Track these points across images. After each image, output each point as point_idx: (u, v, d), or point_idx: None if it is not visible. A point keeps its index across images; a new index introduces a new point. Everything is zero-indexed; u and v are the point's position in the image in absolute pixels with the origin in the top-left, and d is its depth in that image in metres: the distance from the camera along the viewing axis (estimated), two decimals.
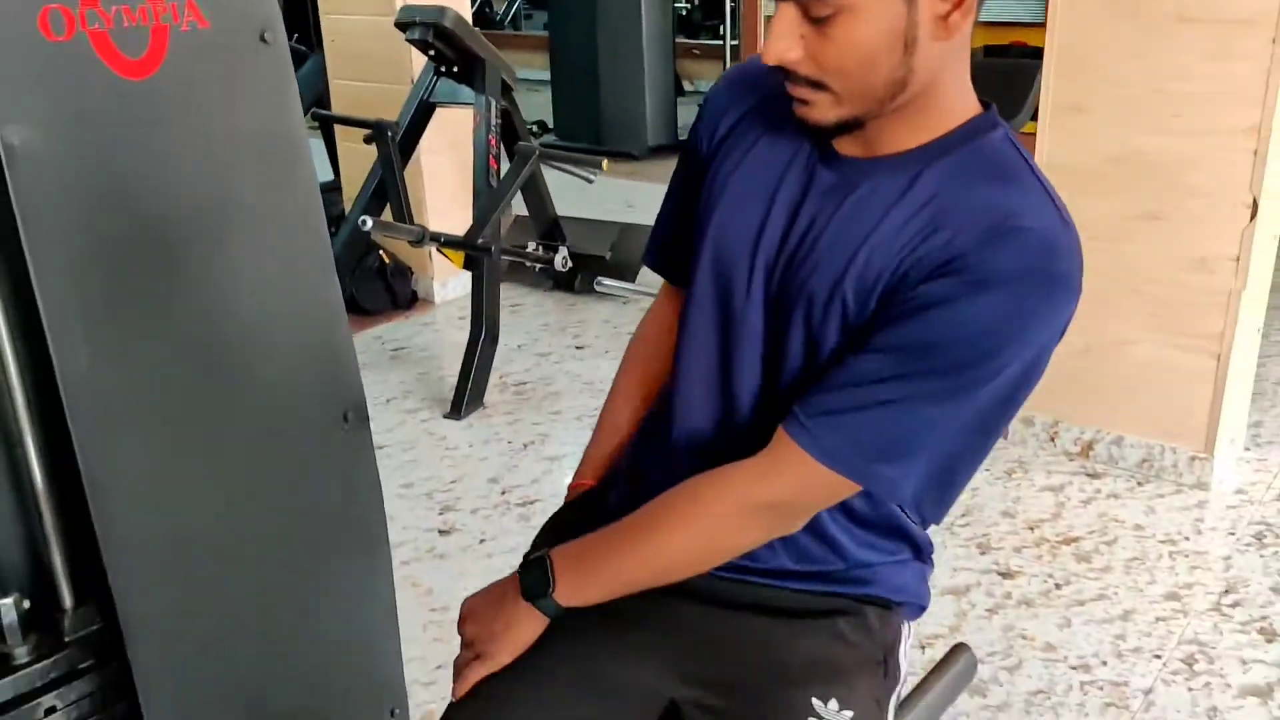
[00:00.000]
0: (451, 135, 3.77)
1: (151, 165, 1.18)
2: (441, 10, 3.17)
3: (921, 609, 1.18)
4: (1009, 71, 3.33)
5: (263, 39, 1.24)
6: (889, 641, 1.11)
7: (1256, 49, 2.31)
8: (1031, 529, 2.51)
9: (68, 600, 1.26)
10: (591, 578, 1.04)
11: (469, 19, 3.61)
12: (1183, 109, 2.44)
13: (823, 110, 0.94)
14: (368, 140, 3.40)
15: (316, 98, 4.07)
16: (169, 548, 1.28)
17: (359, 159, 3.81)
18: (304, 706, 1.47)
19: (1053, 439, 2.84)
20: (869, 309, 0.94)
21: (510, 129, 3.52)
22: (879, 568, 1.12)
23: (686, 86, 9.13)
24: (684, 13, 10.01)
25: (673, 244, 1.19)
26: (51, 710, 1.24)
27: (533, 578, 1.06)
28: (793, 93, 0.94)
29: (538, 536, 1.26)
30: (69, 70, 1.08)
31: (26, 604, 1.23)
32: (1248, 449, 2.83)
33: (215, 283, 1.25)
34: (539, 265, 3.76)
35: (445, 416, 3.17)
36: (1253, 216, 2.41)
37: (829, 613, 1.10)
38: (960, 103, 0.97)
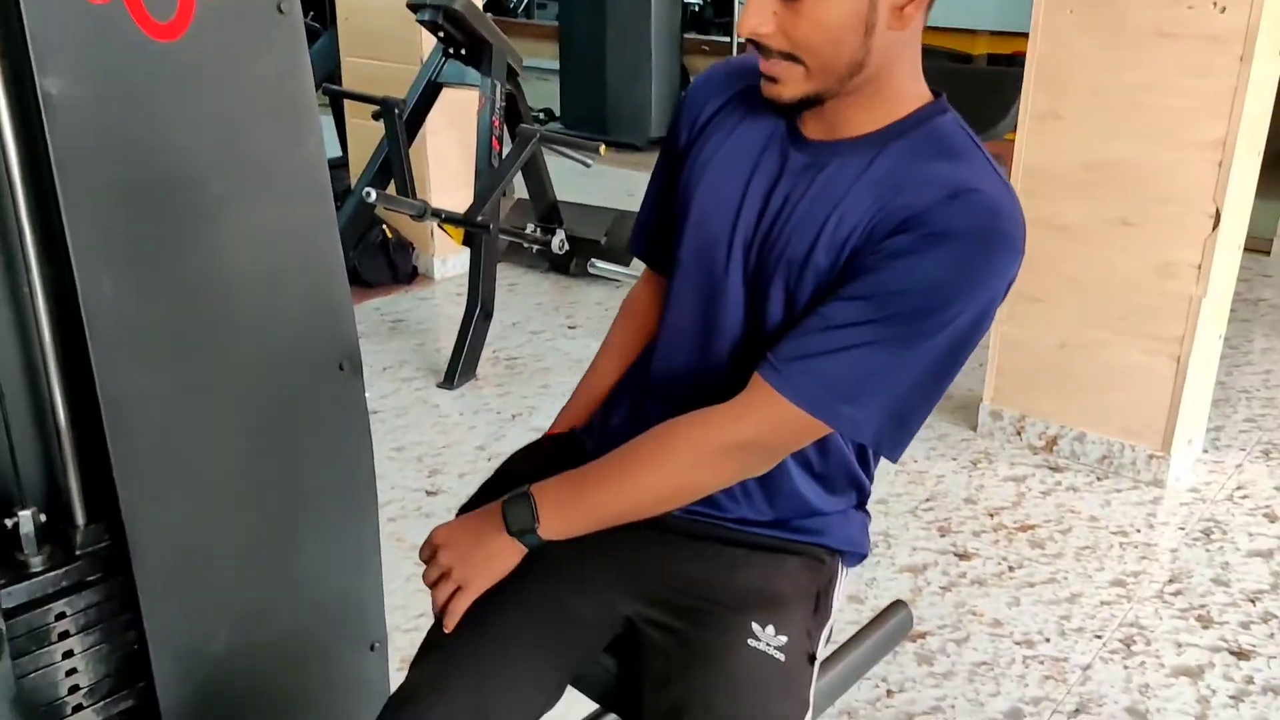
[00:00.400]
0: (456, 115, 3.88)
1: (173, 119, 1.29)
2: None
3: (861, 557, 1.29)
4: (998, 78, 3.45)
5: (279, 9, 1.35)
6: (824, 582, 1.23)
7: (1226, 66, 2.43)
8: (991, 515, 2.63)
9: (80, 517, 1.37)
10: (574, 513, 1.14)
11: (479, 4, 3.72)
12: (1155, 120, 2.55)
13: (791, 85, 1.04)
14: (375, 116, 3.51)
15: (328, 74, 4.18)
16: (175, 473, 1.39)
17: (367, 135, 3.92)
18: (291, 631, 1.58)
19: (1019, 433, 2.96)
20: (838, 266, 1.06)
21: (514, 112, 3.62)
22: (830, 517, 1.24)
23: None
24: (696, 9, 10.13)
25: (655, 232, 1.31)
26: (61, 616, 1.36)
27: (517, 513, 1.15)
28: (765, 69, 1.06)
29: (491, 476, 1.36)
30: (105, 30, 1.20)
31: (43, 518, 1.34)
32: (1206, 451, 2.94)
33: (226, 229, 1.36)
34: (536, 246, 3.87)
35: (438, 386, 3.29)
36: (1215, 226, 2.52)
37: (778, 550, 1.22)
38: (912, 91, 1.09)
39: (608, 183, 5.80)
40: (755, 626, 1.14)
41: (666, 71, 6.75)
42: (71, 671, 1.37)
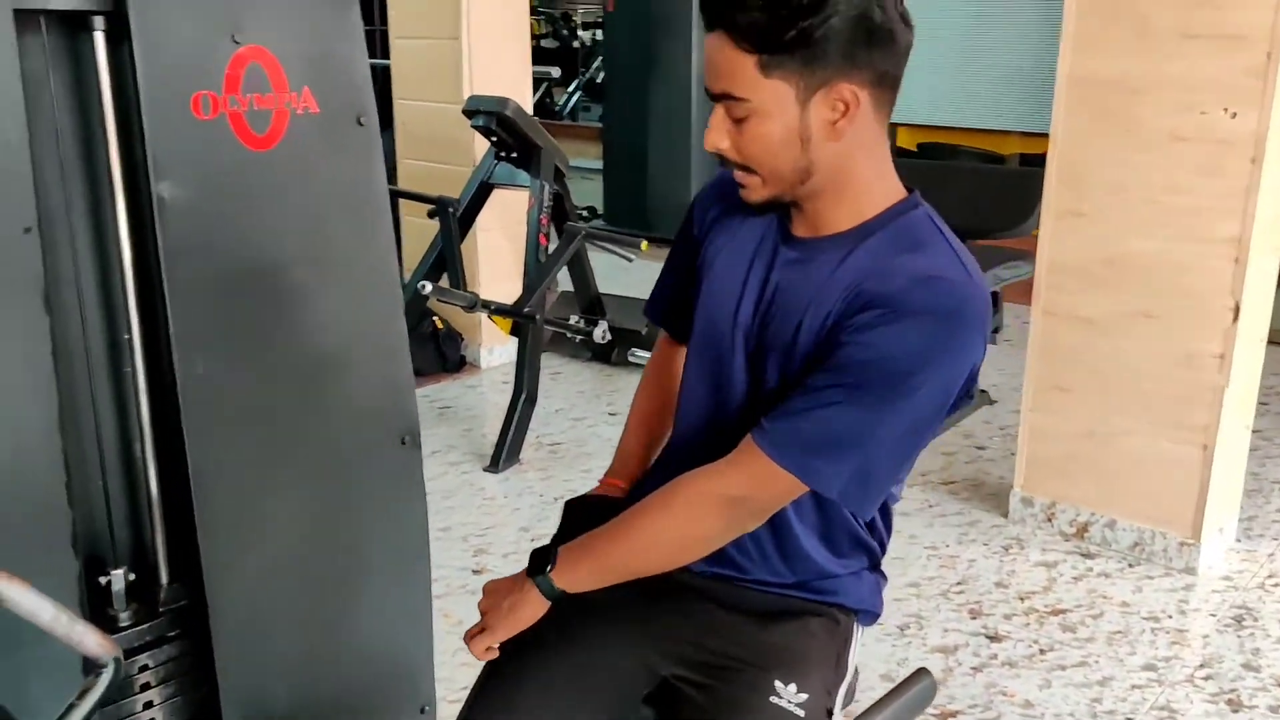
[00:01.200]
0: (506, 214, 4.09)
1: (264, 218, 1.46)
2: (504, 101, 3.51)
3: (875, 616, 1.39)
4: (1025, 178, 3.59)
5: (359, 122, 1.52)
6: (842, 641, 1.33)
7: (1238, 168, 2.55)
8: (1022, 599, 2.68)
9: (164, 576, 1.50)
10: (584, 565, 1.26)
11: (529, 109, 3.95)
12: (1173, 218, 2.67)
13: (754, 191, 1.20)
14: (431, 214, 3.72)
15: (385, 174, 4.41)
16: (251, 537, 1.52)
17: (418, 231, 4.13)
18: (347, 690, 1.69)
19: (1050, 519, 3.02)
20: (820, 346, 1.18)
21: (561, 210, 3.82)
22: (844, 579, 1.34)
23: None
24: None
25: (668, 302, 1.47)
26: (144, 668, 1.48)
27: (536, 559, 1.29)
28: (735, 177, 1.22)
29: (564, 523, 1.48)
30: (210, 142, 1.37)
31: (132, 576, 1.48)
32: (1239, 540, 2.98)
33: (305, 316, 1.52)
34: (579, 337, 4.03)
35: (484, 470, 3.42)
36: (1235, 319, 2.62)
37: (798, 611, 1.32)
38: (880, 189, 1.22)
39: (649, 275, 6.00)
40: (778, 684, 1.24)
41: (707, 170, 7.00)
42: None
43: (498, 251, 4.22)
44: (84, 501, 1.42)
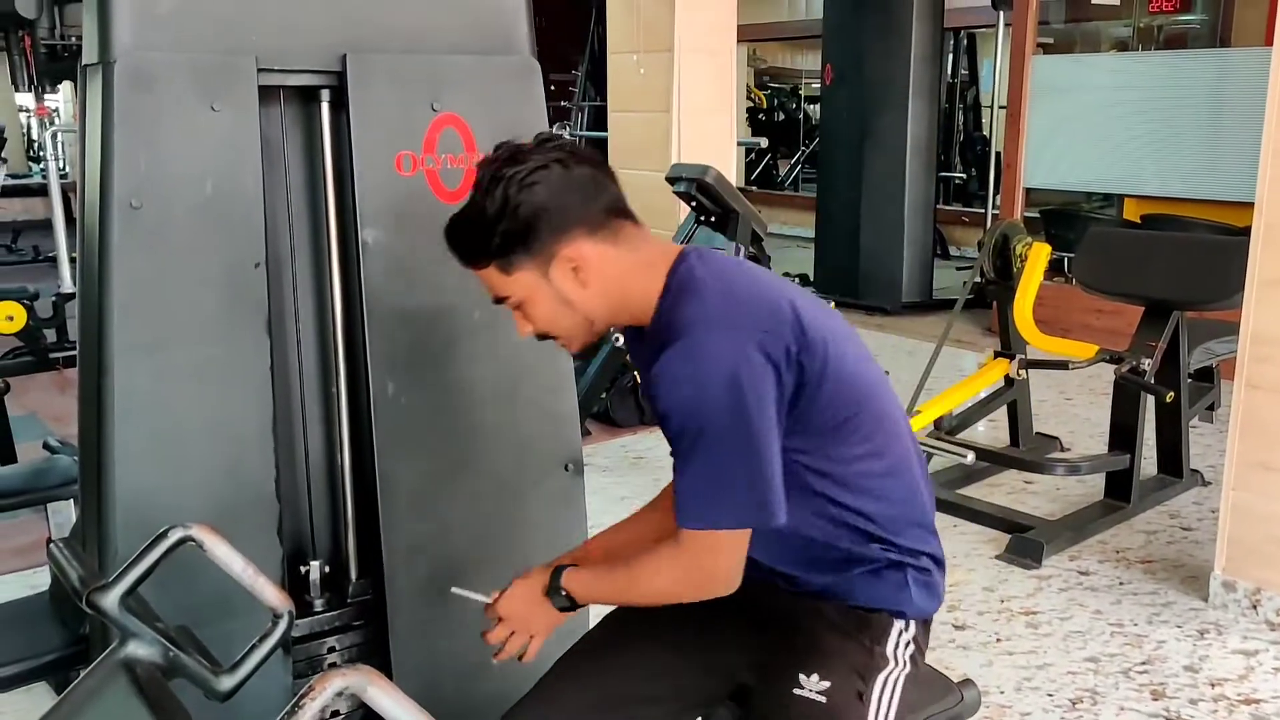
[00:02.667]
0: None
1: (453, 263, 1.67)
2: (705, 169, 3.70)
3: (902, 613, 1.41)
4: (1228, 248, 3.42)
5: None
6: (877, 632, 1.39)
7: None
8: (1213, 685, 2.54)
9: (354, 572, 1.72)
10: (587, 594, 1.43)
11: (732, 178, 4.13)
12: None
13: (571, 346, 1.40)
14: None
15: None
16: (426, 541, 1.71)
17: None
18: (503, 693, 1.84)
19: (1254, 606, 2.83)
20: None
21: None
22: (854, 580, 1.39)
23: (953, 250, 9.38)
24: (959, 182, 10.35)
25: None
26: (332, 649, 1.70)
27: (554, 588, 1.44)
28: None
29: None
30: (409, 195, 1.60)
31: (326, 569, 1.70)
32: None
33: (481, 348, 1.71)
34: None
35: None
36: None
37: (822, 611, 1.40)
38: (652, 294, 1.32)
39: None
40: (801, 676, 1.34)
41: (920, 240, 6.96)
42: (336, 695, 1.69)
43: None
44: (291, 499, 1.65)
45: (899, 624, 1.40)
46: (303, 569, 1.68)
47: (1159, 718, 2.42)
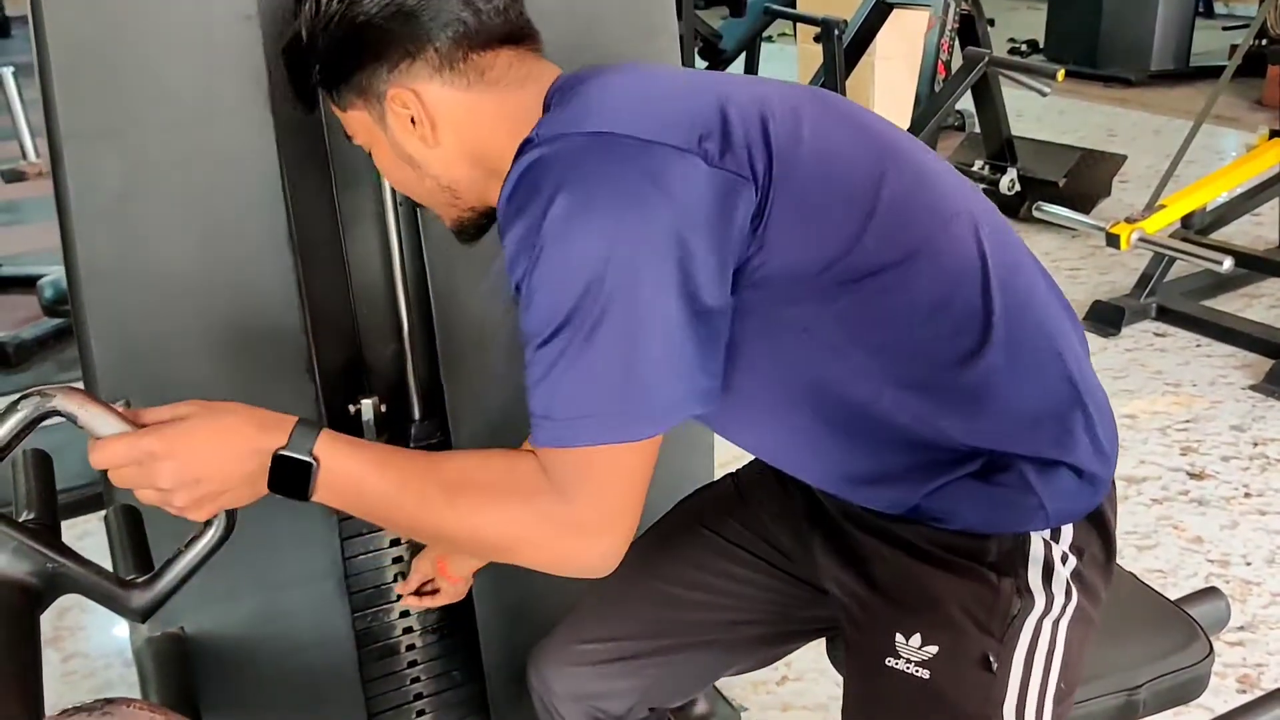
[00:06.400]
0: (910, 43, 3.61)
1: None
2: None
3: (1042, 523, 0.93)
4: None
5: None
6: (1004, 561, 0.92)
7: None
8: None
9: (416, 412, 1.40)
10: (349, 504, 0.90)
11: None
12: None
13: (445, 222, 1.03)
14: (816, 39, 3.34)
15: None
16: (492, 379, 1.37)
17: (811, 58, 3.77)
18: None
19: None
20: None
21: (970, 35, 3.29)
22: (944, 494, 0.91)
23: (1219, 8, 7.99)
24: None
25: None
26: None
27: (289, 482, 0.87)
28: None
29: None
30: None
31: (384, 408, 1.39)
32: None
33: None
34: (983, 186, 3.52)
35: None
36: None
37: (923, 539, 0.94)
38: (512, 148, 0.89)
39: (1087, 119, 5.18)
40: (898, 637, 0.92)
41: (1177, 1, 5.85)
42: (397, 559, 1.42)
43: (896, 85, 3.76)
44: (333, 320, 1.33)
45: (1040, 538, 0.93)
46: (352, 408, 1.37)
47: None
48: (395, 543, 1.41)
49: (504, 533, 0.87)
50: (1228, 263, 2.65)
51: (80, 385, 1.03)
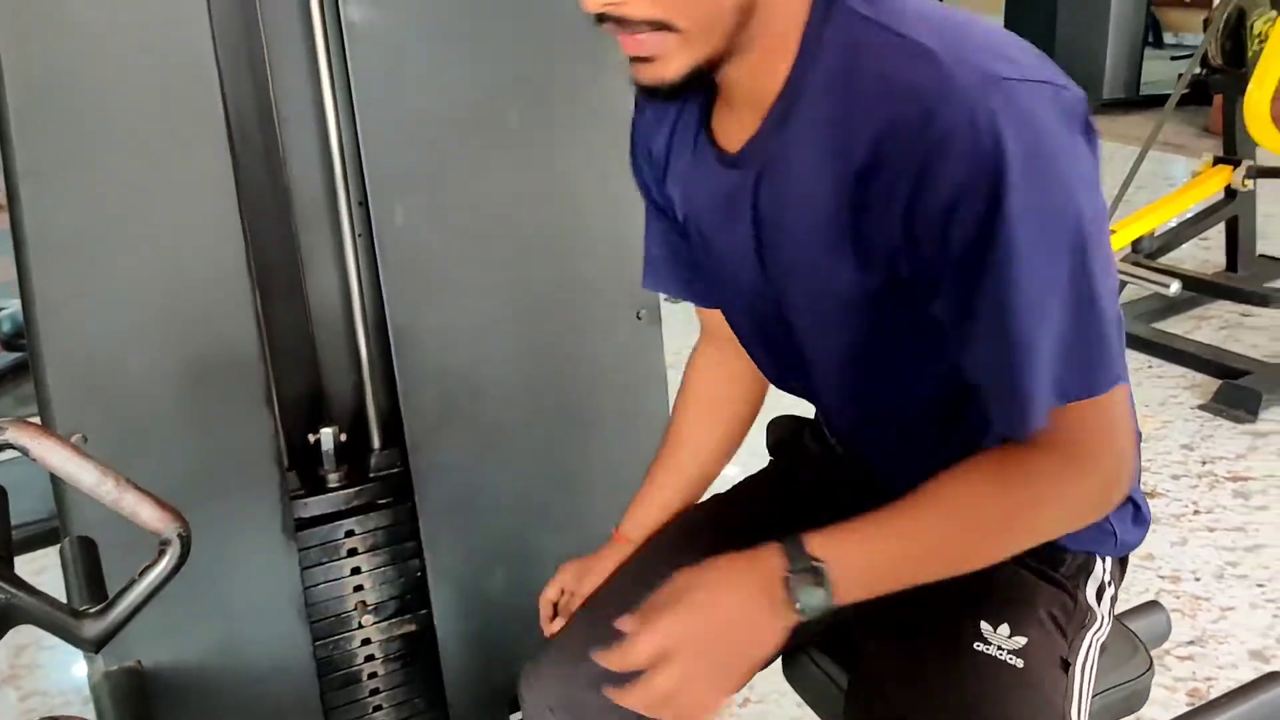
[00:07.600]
0: None
1: (471, 43, 1.27)
2: None
3: (1104, 548, 0.98)
4: None
5: None
6: (1078, 574, 0.97)
7: None
8: None
9: (376, 440, 1.41)
10: (877, 583, 0.85)
11: None
12: None
13: (669, 60, 0.79)
14: None
15: None
16: (458, 402, 1.38)
17: None
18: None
19: None
20: (875, 262, 0.82)
21: None
22: None
23: (1168, 38, 8.17)
24: None
25: (667, 263, 1.10)
26: (350, 533, 1.40)
27: (809, 592, 0.81)
28: (630, 49, 0.80)
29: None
30: None
31: (343, 437, 1.39)
32: None
33: (522, 163, 1.32)
34: None
35: None
36: None
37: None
38: (796, 12, 0.81)
39: None
40: (984, 626, 0.92)
41: (1129, 25, 5.99)
42: (358, 588, 1.42)
43: None
44: (290, 351, 1.34)
45: (1101, 562, 0.98)
46: (311, 437, 1.37)
47: None
48: (355, 571, 1.41)
49: (1063, 521, 0.86)
50: (1175, 286, 2.71)
51: (37, 419, 1.03)
